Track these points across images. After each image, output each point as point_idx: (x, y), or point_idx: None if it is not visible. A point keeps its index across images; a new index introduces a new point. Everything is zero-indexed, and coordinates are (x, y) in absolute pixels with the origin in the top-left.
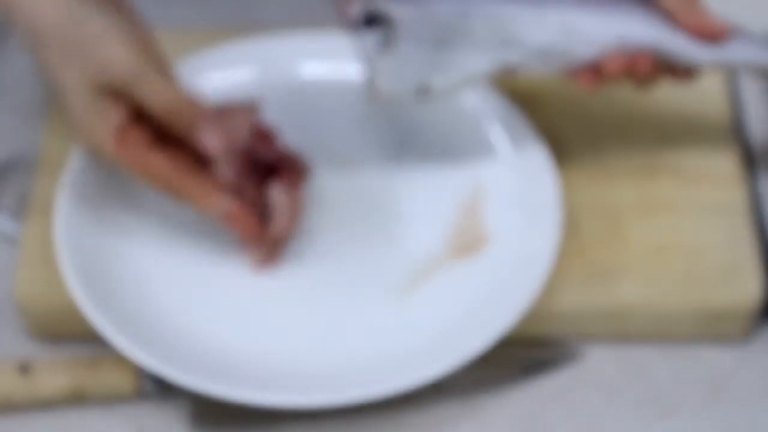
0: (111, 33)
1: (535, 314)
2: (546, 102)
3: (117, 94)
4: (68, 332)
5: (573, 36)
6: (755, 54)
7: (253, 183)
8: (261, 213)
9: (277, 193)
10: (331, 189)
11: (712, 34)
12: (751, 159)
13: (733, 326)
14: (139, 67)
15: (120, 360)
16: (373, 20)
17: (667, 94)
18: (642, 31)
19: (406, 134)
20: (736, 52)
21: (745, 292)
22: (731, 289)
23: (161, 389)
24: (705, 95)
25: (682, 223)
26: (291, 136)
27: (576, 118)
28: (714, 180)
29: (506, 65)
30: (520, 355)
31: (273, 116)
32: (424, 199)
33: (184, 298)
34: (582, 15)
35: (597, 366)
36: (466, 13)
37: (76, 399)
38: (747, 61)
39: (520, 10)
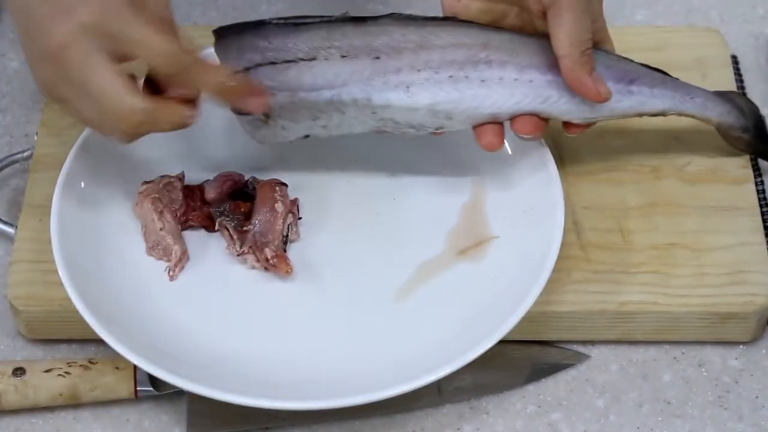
0: None
1: (537, 316)
2: None
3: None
4: (63, 334)
5: (444, 118)
6: (643, 104)
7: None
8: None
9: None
10: (332, 192)
11: (592, 98)
12: (757, 159)
13: (739, 329)
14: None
15: (115, 362)
16: None
17: None
18: (516, 103)
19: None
20: (616, 105)
21: (752, 294)
22: (738, 292)
23: (157, 391)
24: None
25: (687, 224)
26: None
27: None
28: (720, 180)
29: (384, 130)
30: (523, 357)
31: None
32: (425, 201)
33: (180, 299)
34: (452, 98)
35: (601, 368)
36: (335, 100)
37: (72, 401)
38: (627, 112)
39: (391, 96)
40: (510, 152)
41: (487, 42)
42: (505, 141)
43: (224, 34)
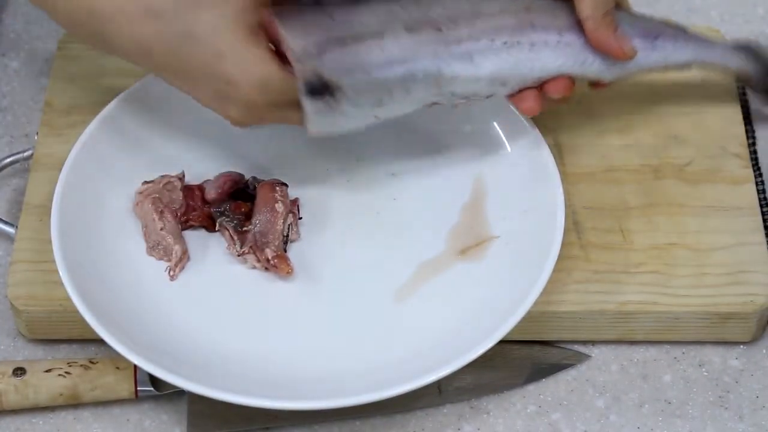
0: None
1: (538, 316)
2: None
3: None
4: (63, 334)
5: (499, 84)
6: (667, 57)
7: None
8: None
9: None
10: (332, 192)
11: (618, 57)
12: (758, 159)
13: (739, 329)
14: None
15: (116, 362)
16: (320, 88)
17: (673, 93)
18: (560, 66)
19: (408, 135)
20: (643, 61)
21: (752, 294)
22: (738, 292)
23: (157, 391)
24: (712, 94)
25: (687, 224)
26: (292, 137)
27: (579, 117)
28: (720, 180)
29: (436, 103)
30: (524, 357)
31: None
32: (425, 201)
33: (181, 299)
34: (509, 64)
35: (601, 368)
36: (407, 76)
37: (72, 401)
38: (654, 67)
39: (458, 67)
40: (510, 152)
41: (529, 6)
42: (506, 141)
43: (284, 15)
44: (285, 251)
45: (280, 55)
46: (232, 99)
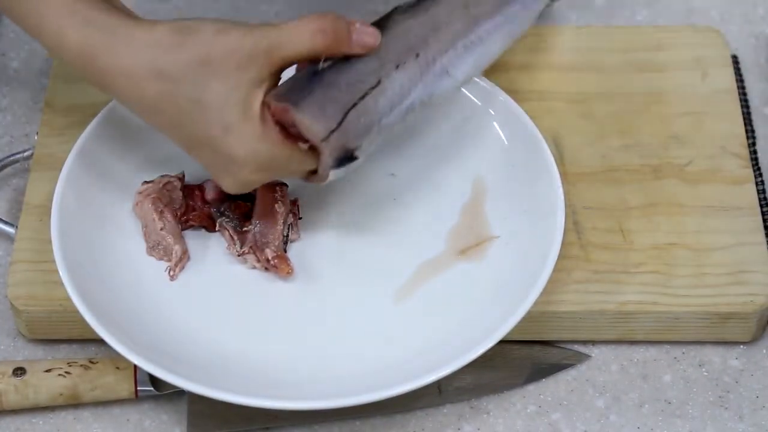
0: (215, 43)
1: (538, 316)
2: (549, 101)
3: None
4: (63, 334)
5: (470, 80)
6: None
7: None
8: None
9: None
10: (332, 192)
11: None
12: (758, 159)
13: (739, 329)
14: (267, 31)
15: (116, 362)
16: (346, 158)
17: (673, 93)
18: (512, 39)
19: (408, 135)
20: None
21: (752, 294)
22: (738, 292)
23: (157, 391)
24: (712, 94)
25: (687, 224)
26: None
27: (579, 117)
28: (720, 180)
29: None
30: (524, 357)
31: None
32: (425, 201)
33: (181, 299)
34: (475, 62)
35: (601, 368)
36: (407, 110)
37: (72, 401)
38: None
39: (441, 84)
40: (510, 152)
41: (466, 2)
42: (505, 140)
43: (291, 98)
44: (285, 251)
45: (285, 131)
46: (230, 173)
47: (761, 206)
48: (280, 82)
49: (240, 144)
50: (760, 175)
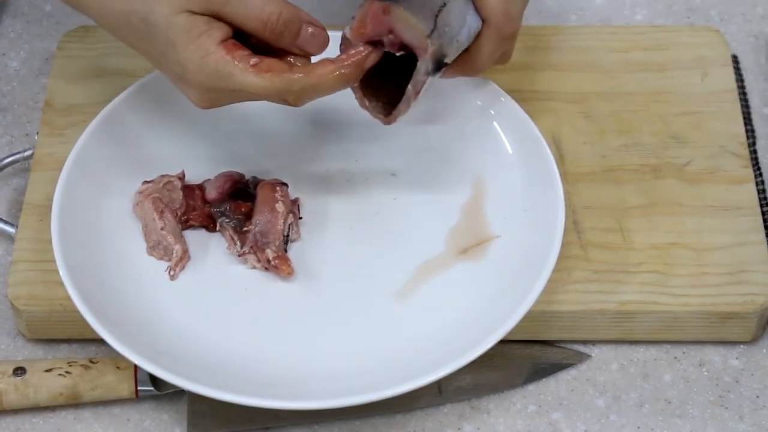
0: None
1: (538, 316)
2: (549, 101)
3: (213, 15)
4: (64, 334)
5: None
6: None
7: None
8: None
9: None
10: (332, 192)
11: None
12: (758, 159)
13: (739, 329)
14: None
15: (116, 361)
16: (442, 63)
17: (673, 93)
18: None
19: (408, 135)
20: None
21: (752, 294)
22: (738, 291)
23: (158, 391)
24: (712, 94)
25: (687, 223)
26: (292, 137)
27: (579, 117)
28: (720, 180)
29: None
30: (524, 357)
31: (273, 117)
32: (425, 201)
33: (181, 299)
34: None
35: (602, 368)
36: (463, 24)
37: (72, 401)
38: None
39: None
40: (510, 152)
41: None
42: (506, 141)
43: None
44: (285, 251)
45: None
46: (188, 83)
47: (761, 206)
48: None
49: (187, 59)
50: (760, 175)
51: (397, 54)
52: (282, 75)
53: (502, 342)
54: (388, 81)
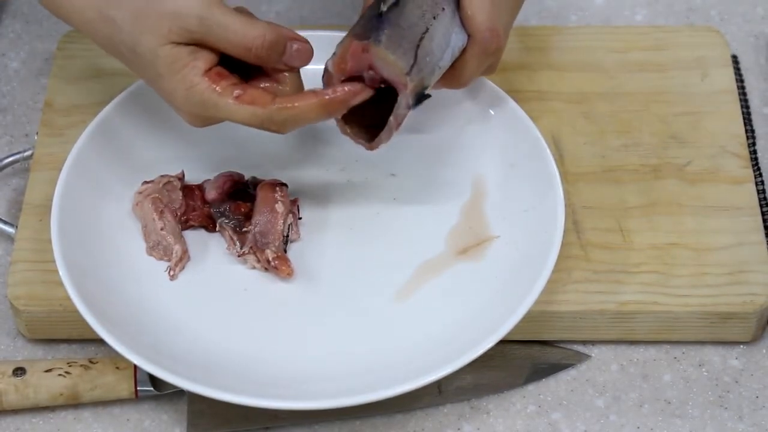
0: None
1: (538, 316)
2: (549, 101)
3: (197, 44)
4: (63, 334)
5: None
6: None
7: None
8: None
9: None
10: (332, 192)
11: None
12: (757, 158)
13: (739, 329)
14: (210, 10)
15: (116, 361)
16: (423, 95)
17: (673, 93)
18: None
19: (408, 135)
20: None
21: (752, 294)
22: (738, 292)
23: (157, 391)
24: (712, 94)
25: (687, 224)
26: (292, 137)
27: (579, 117)
28: (720, 180)
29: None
30: (524, 357)
31: None
32: (425, 201)
33: (180, 299)
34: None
35: (601, 368)
36: (447, 49)
37: (72, 401)
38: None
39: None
40: (510, 152)
41: None
42: (506, 140)
43: (371, 35)
44: (285, 251)
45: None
46: (178, 109)
47: (761, 206)
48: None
49: (173, 89)
50: (760, 175)
51: (379, 87)
52: (265, 107)
53: (502, 342)
54: (370, 101)
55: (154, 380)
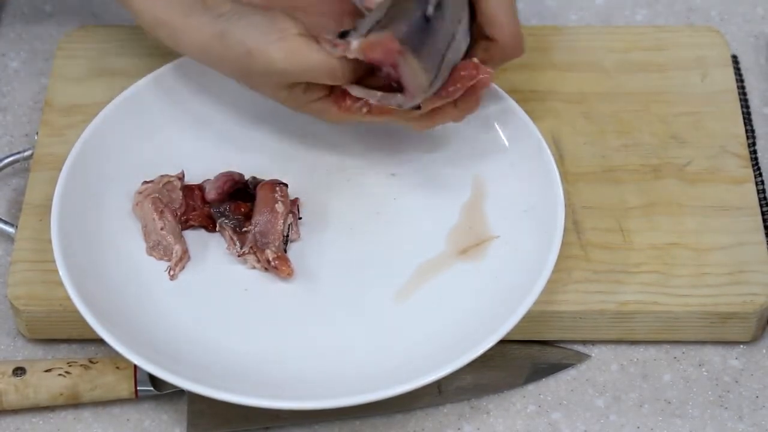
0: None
1: (538, 316)
2: (549, 101)
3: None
4: (63, 334)
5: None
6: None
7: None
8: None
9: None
10: (332, 192)
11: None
12: (757, 158)
13: (739, 329)
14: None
15: (116, 361)
16: None
17: (673, 93)
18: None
19: (408, 135)
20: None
21: (752, 294)
22: (738, 292)
23: (157, 391)
24: (712, 94)
25: (687, 224)
26: (292, 137)
27: (579, 117)
28: (720, 180)
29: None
30: (524, 357)
31: (273, 117)
32: (425, 201)
33: (180, 299)
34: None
35: (601, 368)
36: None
37: (72, 401)
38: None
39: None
40: (510, 152)
41: None
42: (506, 141)
43: (416, 47)
44: (285, 251)
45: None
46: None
47: (761, 206)
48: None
49: (264, 62)
50: (760, 175)
51: (386, 82)
52: None
53: (502, 342)
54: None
55: (154, 380)
